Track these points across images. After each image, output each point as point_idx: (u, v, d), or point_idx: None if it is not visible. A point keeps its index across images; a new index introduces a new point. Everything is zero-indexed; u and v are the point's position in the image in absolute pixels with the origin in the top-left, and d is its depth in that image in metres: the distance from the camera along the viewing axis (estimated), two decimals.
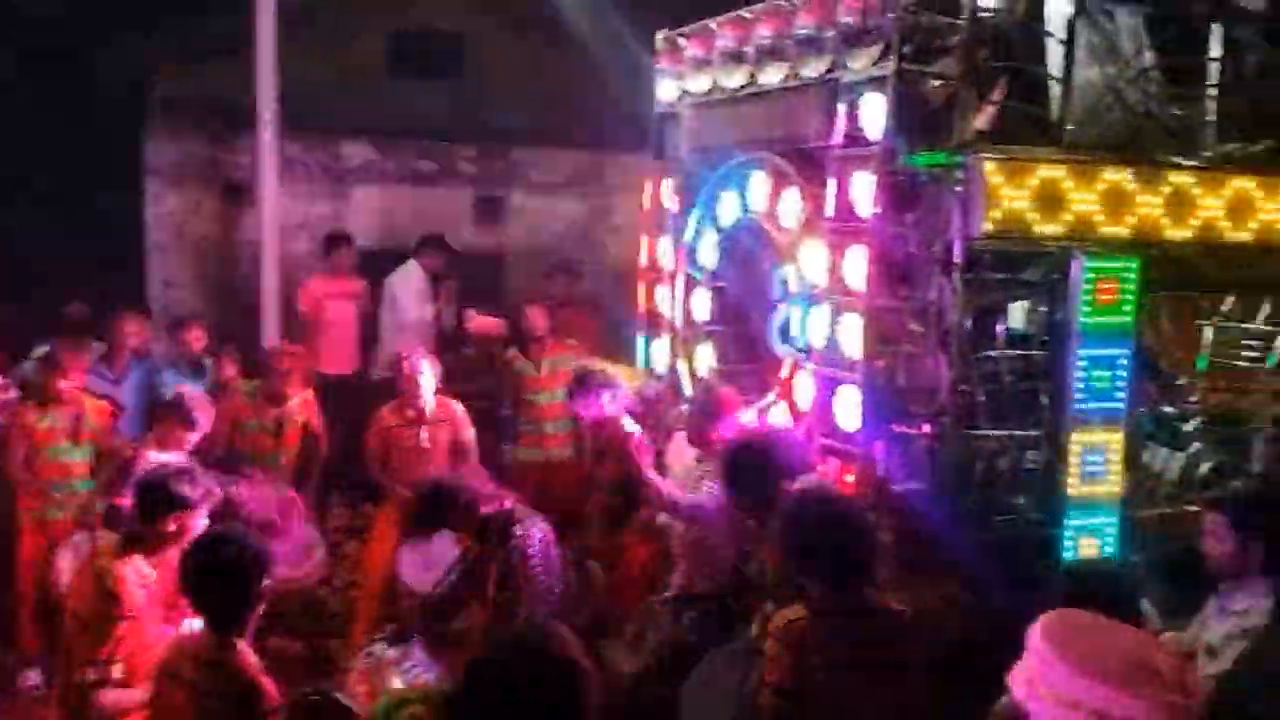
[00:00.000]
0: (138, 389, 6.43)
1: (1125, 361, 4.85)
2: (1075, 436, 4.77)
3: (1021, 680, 1.81)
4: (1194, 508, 4.82)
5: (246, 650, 3.21)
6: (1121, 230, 4.90)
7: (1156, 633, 4.00)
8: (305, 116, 8.31)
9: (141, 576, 3.67)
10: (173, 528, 3.75)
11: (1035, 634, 1.84)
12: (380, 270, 8.32)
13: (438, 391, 6.38)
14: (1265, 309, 6.30)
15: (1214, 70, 5.29)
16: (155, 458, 4.89)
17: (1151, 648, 1.80)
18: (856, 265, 4.67)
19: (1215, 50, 5.27)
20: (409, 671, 4.14)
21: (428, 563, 5.91)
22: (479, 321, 8.14)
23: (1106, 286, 4.80)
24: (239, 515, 4.81)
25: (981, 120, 4.89)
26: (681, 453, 5.59)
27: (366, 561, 6.69)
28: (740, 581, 5.13)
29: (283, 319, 7.88)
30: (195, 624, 3.33)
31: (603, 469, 5.86)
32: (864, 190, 4.68)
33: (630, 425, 5.79)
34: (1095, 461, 4.85)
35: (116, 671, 3.54)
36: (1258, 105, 5.44)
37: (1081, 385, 4.77)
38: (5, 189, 10.09)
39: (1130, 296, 4.84)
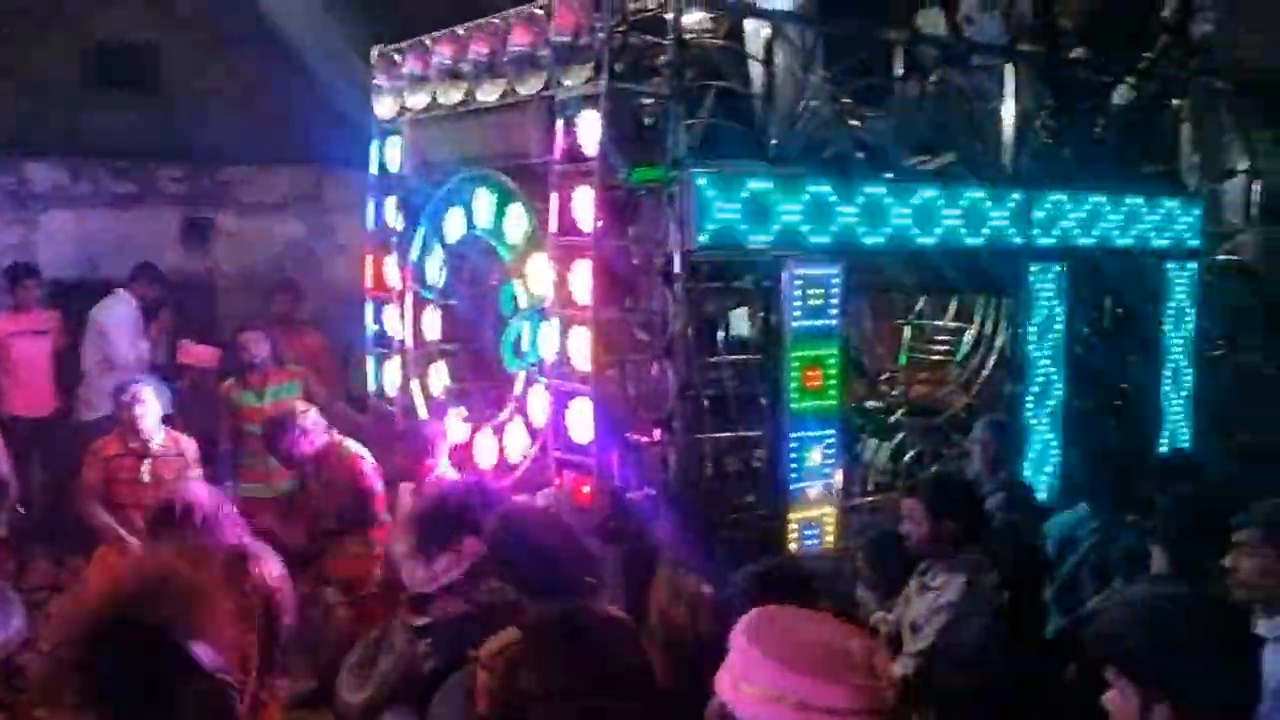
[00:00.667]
0: None
1: (834, 363, 5.18)
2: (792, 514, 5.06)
3: (727, 681, 1.87)
4: (900, 491, 5.24)
5: None
6: (824, 238, 5.23)
7: (870, 615, 4.30)
8: None
9: None
10: None
11: (737, 633, 1.91)
12: (79, 303, 7.66)
13: (166, 423, 5.95)
14: (953, 307, 6.98)
15: (899, 89, 5.76)
16: None
17: (847, 635, 1.91)
18: (582, 279, 4.75)
19: (899, 70, 5.73)
20: None
21: None
22: (193, 352, 7.63)
23: (814, 291, 5.13)
24: None
25: (692, 136, 5.10)
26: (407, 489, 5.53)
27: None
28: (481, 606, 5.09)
29: None
30: None
31: (331, 496, 5.65)
32: (585, 205, 4.76)
33: (355, 447, 5.65)
34: (811, 534, 5.16)
35: None
36: (939, 122, 5.98)
37: (795, 386, 5.05)
38: None
39: (835, 300, 5.19)
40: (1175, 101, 6.86)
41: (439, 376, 6.21)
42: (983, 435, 5.56)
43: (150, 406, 5.80)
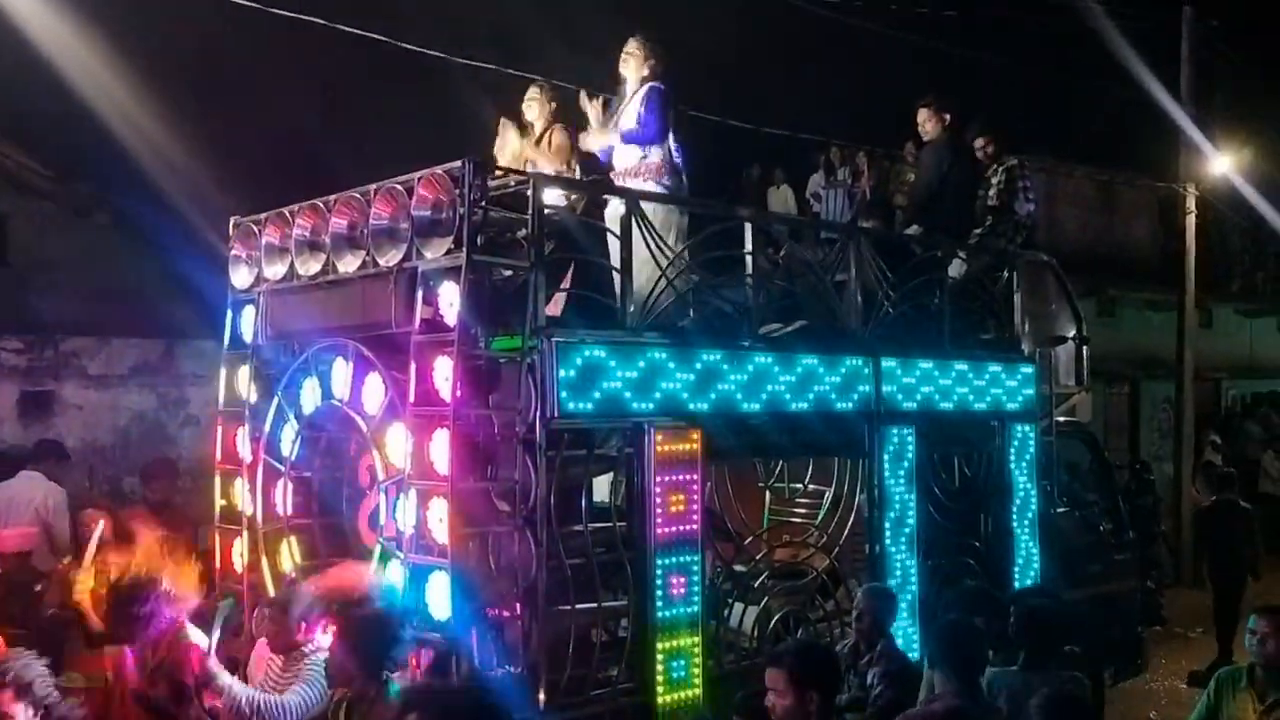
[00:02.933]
0: None
1: (696, 517, 5.22)
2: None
3: None
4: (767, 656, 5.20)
5: None
6: (686, 403, 5.33)
7: None
8: None
9: None
10: None
11: None
12: None
13: None
14: (811, 470, 7.13)
15: (749, 262, 6.01)
16: None
17: None
18: (441, 449, 4.68)
19: (749, 244, 6.00)
20: None
21: None
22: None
23: (674, 453, 5.19)
24: None
25: (552, 307, 5.19)
26: (262, 661, 5.18)
27: None
28: None
29: None
30: None
31: (157, 688, 5.24)
32: (445, 374, 4.75)
33: (194, 634, 5.31)
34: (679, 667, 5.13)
35: None
36: (786, 293, 6.25)
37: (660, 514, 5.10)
38: None
39: (695, 462, 5.25)
40: (1004, 274, 7.35)
41: (291, 552, 5.94)
42: (863, 602, 5.48)
43: None
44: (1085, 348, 8.09)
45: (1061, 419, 7.67)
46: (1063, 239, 14.23)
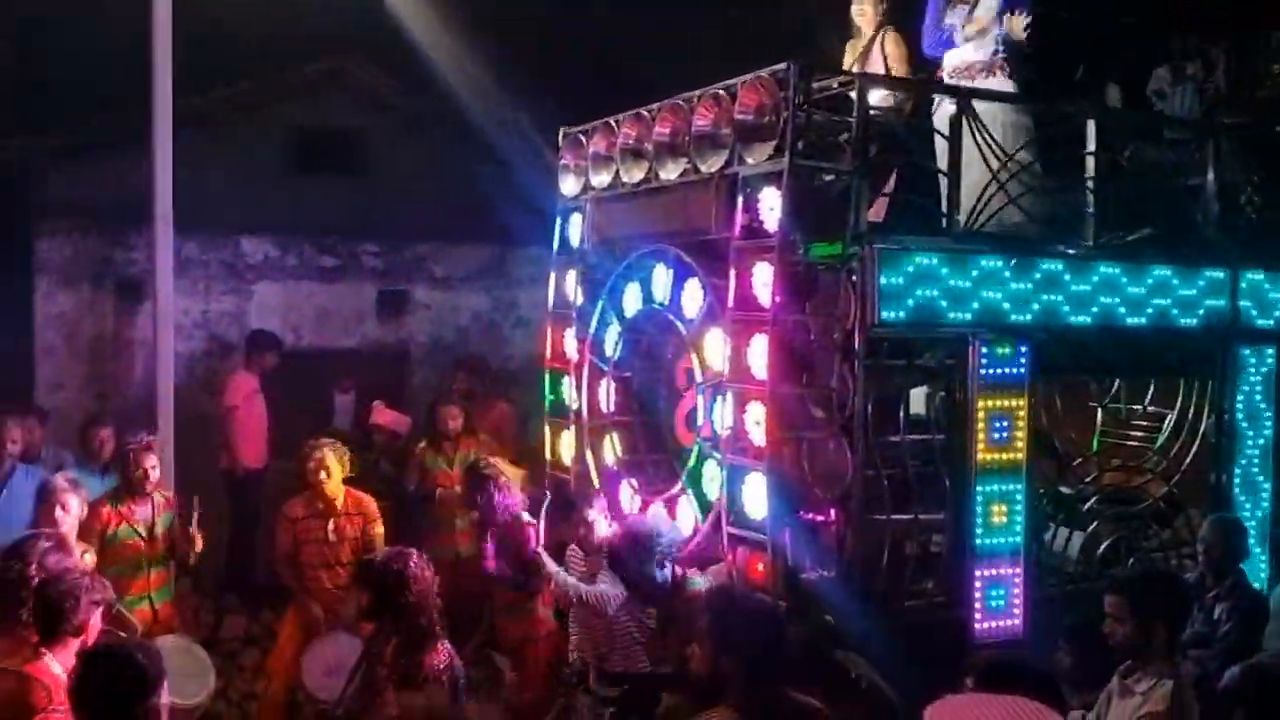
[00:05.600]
0: (23, 494, 6.09)
1: (1021, 442, 4.99)
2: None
3: None
4: (1096, 583, 4.94)
5: None
6: (1013, 315, 5.07)
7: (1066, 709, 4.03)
8: (204, 213, 8.22)
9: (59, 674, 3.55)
10: (71, 630, 3.66)
11: None
12: (288, 371, 8.17)
13: (348, 484, 6.24)
14: (1151, 390, 6.60)
15: (1090, 164, 5.56)
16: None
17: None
18: (759, 354, 4.73)
19: (1091, 145, 5.54)
20: None
21: (331, 668, 5.72)
22: (385, 414, 8.01)
23: (999, 368, 4.96)
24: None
25: (875, 211, 5.05)
26: (576, 555, 5.61)
27: (269, 668, 6.40)
28: (652, 673, 5.10)
29: (178, 417, 7.64)
30: None
31: (503, 563, 5.78)
32: (764, 280, 4.77)
33: (527, 518, 5.77)
34: (998, 595, 4.96)
35: None
36: (1131, 197, 5.74)
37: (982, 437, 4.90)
38: None
39: (1023, 380, 5.00)
40: None
41: (612, 448, 6.27)
42: (1210, 534, 5.10)
43: (334, 470, 6.07)
44: None
45: None
46: None
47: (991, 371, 5.00)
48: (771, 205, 4.79)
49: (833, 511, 4.77)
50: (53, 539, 4.06)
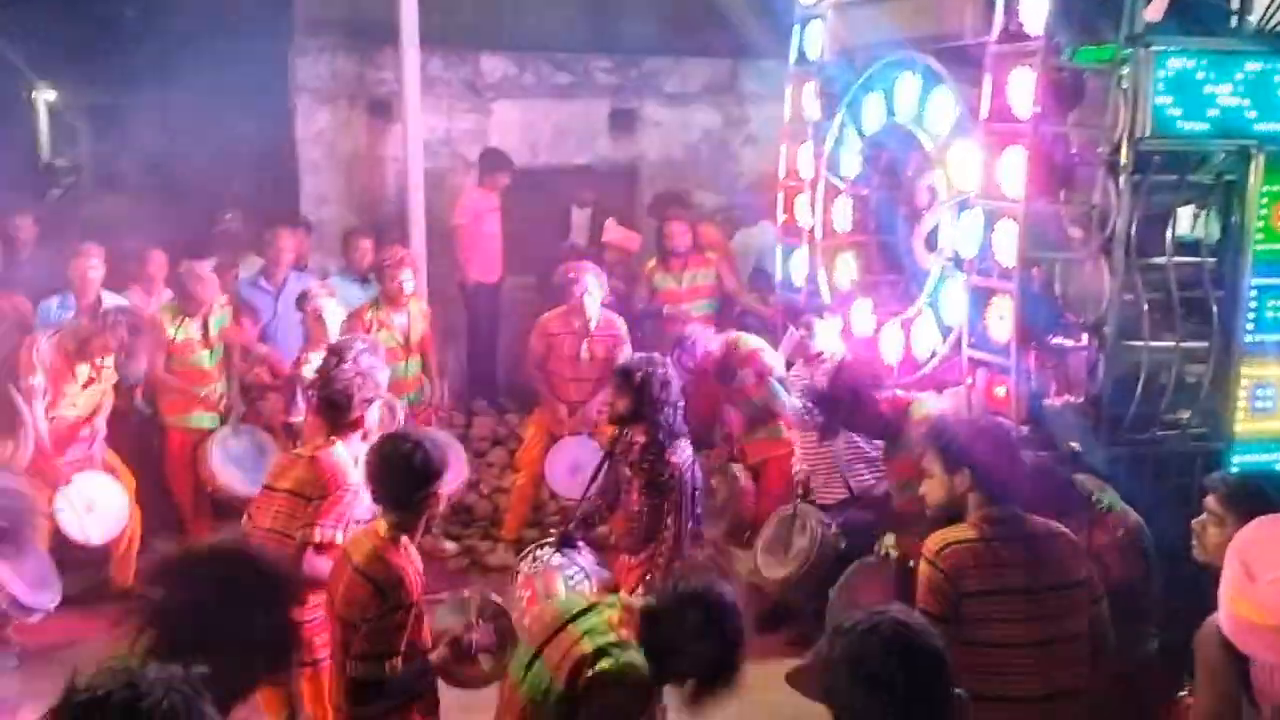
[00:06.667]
0: (294, 301, 6.65)
1: None
2: (1245, 370, 4.54)
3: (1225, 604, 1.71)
4: None
5: (409, 548, 3.32)
6: None
7: None
8: (447, 30, 8.39)
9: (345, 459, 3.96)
10: (353, 421, 4.04)
11: (1230, 553, 1.74)
12: (524, 187, 8.40)
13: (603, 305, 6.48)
14: None
15: None
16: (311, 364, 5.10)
17: None
18: (1013, 168, 4.48)
19: None
20: (572, 578, 4.27)
21: (574, 467, 6.11)
22: (615, 231, 8.16)
23: None
24: None
25: (1152, 10, 4.58)
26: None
27: (517, 465, 6.88)
28: (878, 498, 5.17)
29: (428, 232, 8.06)
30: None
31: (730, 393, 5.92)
32: (1023, 89, 4.47)
33: (754, 341, 5.82)
34: (1266, 395, 4.61)
35: (332, 536, 3.79)
36: None
37: (1253, 315, 4.51)
38: (164, 109, 10.56)
39: None
40: None
41: (847, 268, 6.17)
42: None
43: (594, 290, 6.30)
44: None
45: None
46: None
47: (1275, 189, 4.54)
48: (1036, 5, 4.42)
49: (1085, 337, 4.56)
50: (368, 342, 4.39)
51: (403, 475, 3.26)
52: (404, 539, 3.30)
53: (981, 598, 2.94)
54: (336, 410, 4.04)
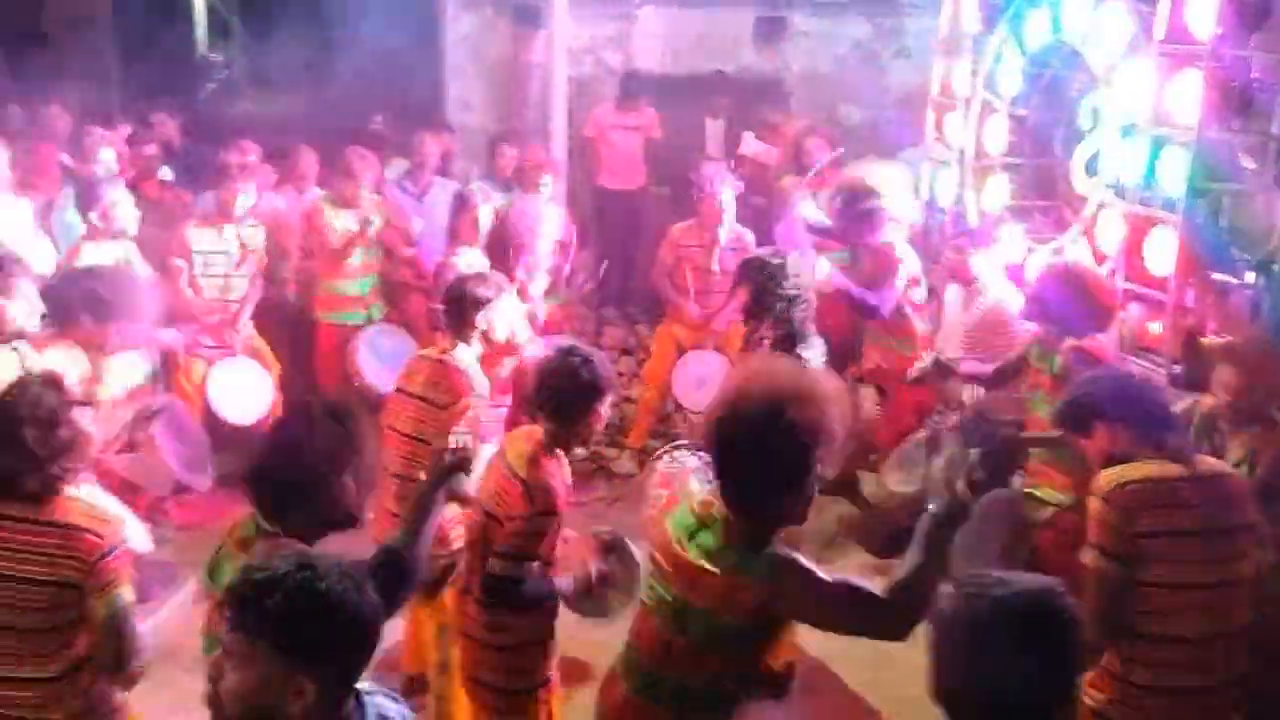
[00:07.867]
0: (441, 204, 6.77)
1: None
2: None
3: None
4: None
5: (563, 460, 3.34)
6: None
7: None
8: None
9: (471, 362, 4.10)
10: (480, 324, 4.15)
11: None
12: (666, 95, 8.31)
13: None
14: None
15: None
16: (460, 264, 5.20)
17: None
18: (1187, 93, 4.22)
19: None
20: (709, 480, 4.29)
21: (701, 380, 6.12)
22: (752, 145, 8.03)
23: None
24: None
25: None
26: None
27: (645, 376, 6.94)
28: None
29: (570, 139, 8.08)
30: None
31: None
32: (1203, 7, 4.18)
33: (902, 250, 5.61)
34: None
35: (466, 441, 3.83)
36: None
37: None
38: (316, 8, 10.76)
39: None
40: None
41: (998, 191, 5.95)
42: None
43: (729, 202, 6.24)
44: None
45: None
46: None
47: None
48: None
49: (1251, 274, 4.32)
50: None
51: (569, 387, 3.27)
52: (559, 450, 3.32)
53: (1154, 538, 2.88)
54: (459, 311, 4.14)
